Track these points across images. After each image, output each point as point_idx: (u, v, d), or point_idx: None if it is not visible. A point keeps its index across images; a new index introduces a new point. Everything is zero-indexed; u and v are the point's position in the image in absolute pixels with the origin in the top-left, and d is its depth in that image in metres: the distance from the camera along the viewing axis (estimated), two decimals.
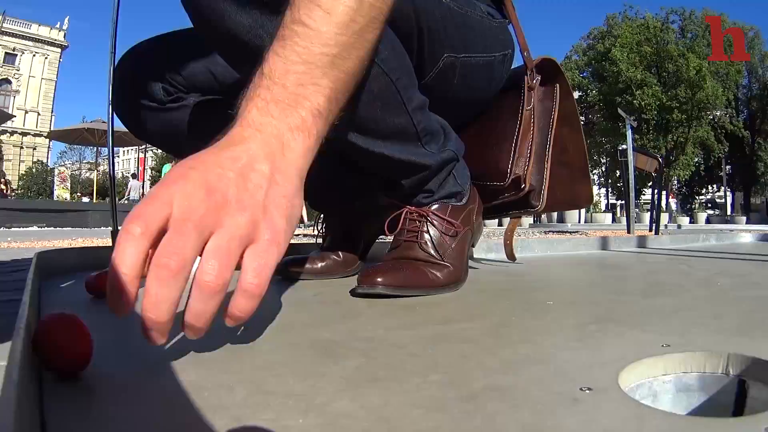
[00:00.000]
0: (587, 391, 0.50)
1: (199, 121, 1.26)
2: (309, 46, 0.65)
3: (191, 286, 0.54)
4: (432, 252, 1.13)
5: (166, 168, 14.83)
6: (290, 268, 1.30)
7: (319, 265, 1.34)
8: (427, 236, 1.14)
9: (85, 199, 25.01)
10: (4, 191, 21.57)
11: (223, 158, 0.59)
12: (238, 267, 0.56)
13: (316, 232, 1.53)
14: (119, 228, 1.05)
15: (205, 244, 0.54)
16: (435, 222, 1.15)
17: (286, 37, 0.66)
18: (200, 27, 0.93)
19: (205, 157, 0.59)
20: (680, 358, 0.62)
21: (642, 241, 2.80)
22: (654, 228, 6.18)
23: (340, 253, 1.39)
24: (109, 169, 1.06)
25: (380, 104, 1.00)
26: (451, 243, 1.15)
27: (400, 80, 1.01)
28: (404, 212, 1.17)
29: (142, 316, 0.52)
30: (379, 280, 1.03)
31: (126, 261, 0.51)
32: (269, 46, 0.68)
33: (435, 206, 1.17)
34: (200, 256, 0.55)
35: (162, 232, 0.53)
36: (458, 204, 1.19)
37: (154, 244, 0.52)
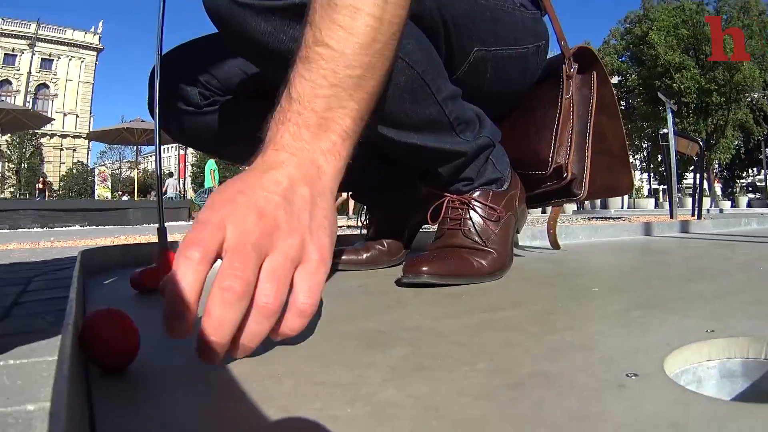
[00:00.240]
0: (633, 377, 0.50)
1: (231, 120, 1.28)
2: (335, 68, 0.66)
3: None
4: (476, 238, 1.12)
5: (210, 164, 14.79)
6: (335, 260, 1.31)
7: (364, 255, 1.35)
8: (470, 223, 1.14)
9: (124, 198, 25.38)
10: (46, 192, 21.91)
11: (266, 182, 0.60)
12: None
13: (360, 224, 1.53)
14: (165, 225, 1.07)
15: (261, 266, 0.55)
16: (477, 208, 1.15)
17: (311, 59, 0.67)
18: (224, 34, 0.94)
19: (249, 181, 0.60)
20: (724, 343, 0.61)
21: (685, 226, 2.76)
22: (696, 213, 6.08)
23: (384, 242, 1.39)
24: (156, 168, 1.07)
25: (409, 97, 1.01)
26: (494, 228, 1.14)
27: (426, 72, 1.01)
28: (446, 201, 1.17)
29: (201, 339, 0.52)
30: (424, 269, 1.03)
31: (187, 287, 0.52)
32: (293, 67, 0.68)
33: (476, 193, 1.17)
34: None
35: (218, 257, 0.54)
36: (499, 190, 1.19)
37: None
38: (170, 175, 21.19)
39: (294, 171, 0.62)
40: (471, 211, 1.15)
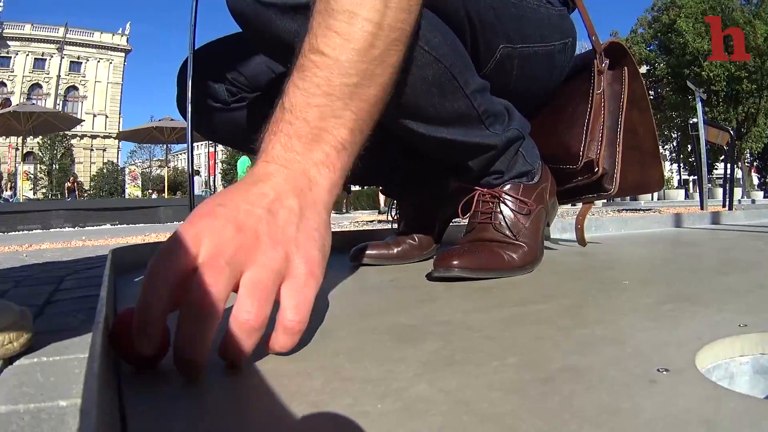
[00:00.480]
0: (664, 372, 0.49)
1: (258, 117, 1.29)
2: (329, 76, 0.64)
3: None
4: (506, 232, 1.12)
5: (244, 161, 14.71)
6: (366, 254, 1.32)
7: (395, 250, 1.35)
8: (500, 217, 1.14)
9: (153, 196, 25.64)
10: (76, 192, 22.10)
11: (251, 194, 0.59)
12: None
13: (390, 218, 1.53)
14: None
15: (237, 281, 0.54)
16: (508, 202, 1.15)
17: (305, 67, 0.65)
18: (249, 34, 0.94)
19: (233, 194, 0.59)
20: (757, 338, 0.61)
21: (716, 218, 2.73)
22: (728, 203, 6.00)
23: (415, 236, 1.39)
24: (188, 165, 1.08)
25: (437, 90, 1.00)
26: (525, 222, 1.14)
27: (454, 65, 1.00)
28: (476, 194, 1.17)
29: (174, 355, 0.51)
30: (455, 263, 1.03)
31: (155, 302, 0.51)
32: (289, 76, 0.67)
33: (507, 186, 1.16)
34: (234, 291, 0.55)
35: (190, 271, 0.53)
36: (530, 183, 1.18)
37: (183, 284, 0.52)
38: (196, 173, 21.29)
39: (282, 183, 0.61)
40: (502, 205, 1.15)
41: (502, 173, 1.17)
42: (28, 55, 47.20)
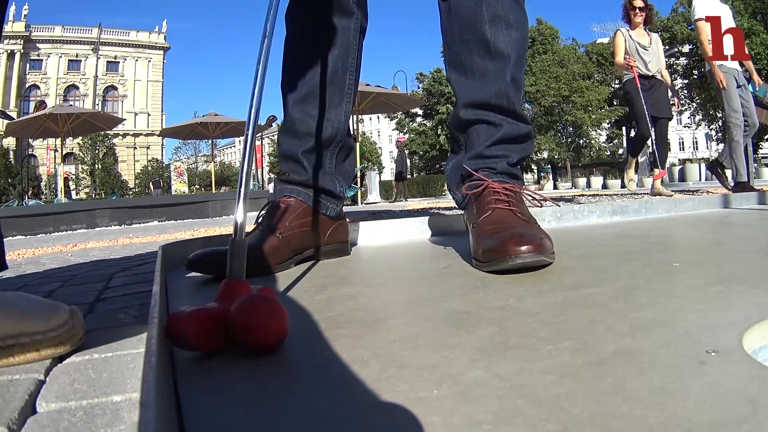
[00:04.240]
0: (713, 354, 0.50)
1: None
2: None
3: None
4: (530, 217, 1.16)
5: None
6: None
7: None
8: (523, 207, 1.18)
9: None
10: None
11: None
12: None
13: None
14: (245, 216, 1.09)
15: None
16: (521, 195, 1.20)
17: None
18: None
19: None
20: None
21: (762, 198, 2.68)
22: None
23: None
24: (242, 160, 1.10)
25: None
26: (530, 214, 1.19)
27: (526, 44, 1.19)
28: (487, 184, 1.21)
29: None
30: (529, 248, 0.96)
31: None
32: None
33: (517, 183, 1.23)
34: None
35: None
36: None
37: None
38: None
39: None
40: (518, 197, 1.19)
41: (517, 170, 1.27)
42: (60, 57, 47.63)
